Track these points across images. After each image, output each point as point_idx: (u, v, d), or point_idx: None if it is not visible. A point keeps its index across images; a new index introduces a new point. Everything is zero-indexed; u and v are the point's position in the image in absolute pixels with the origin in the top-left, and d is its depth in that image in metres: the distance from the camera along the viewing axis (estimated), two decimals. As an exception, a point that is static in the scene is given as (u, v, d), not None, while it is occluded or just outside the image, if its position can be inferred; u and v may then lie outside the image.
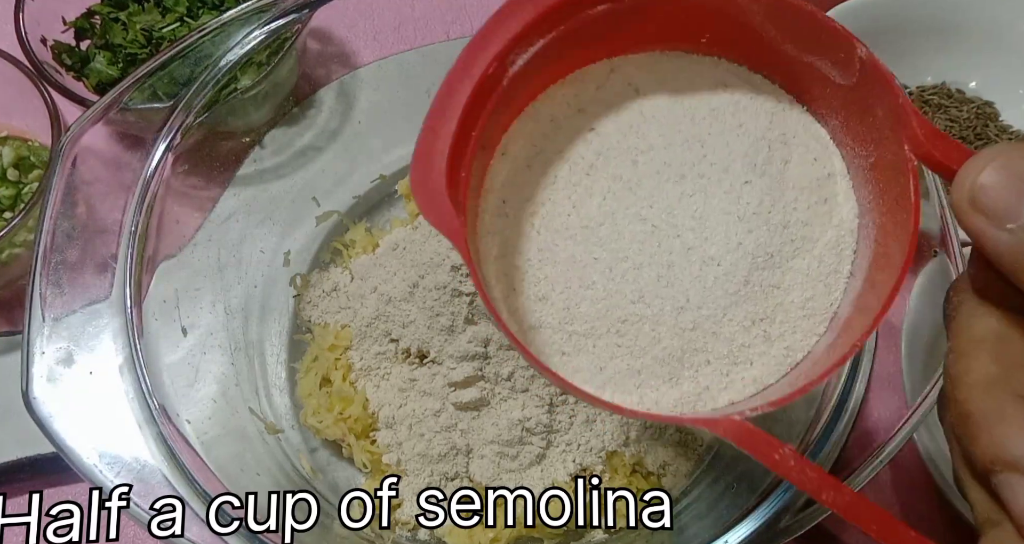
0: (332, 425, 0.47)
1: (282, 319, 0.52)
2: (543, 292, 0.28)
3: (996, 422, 0.22)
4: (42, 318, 0.38)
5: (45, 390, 0.36)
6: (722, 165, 0.28)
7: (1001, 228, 0.22)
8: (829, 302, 0.29)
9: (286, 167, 0.54)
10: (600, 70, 0.30)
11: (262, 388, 0.50)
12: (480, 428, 0.46)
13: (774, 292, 0.28)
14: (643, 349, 0.28)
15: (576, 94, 0.29)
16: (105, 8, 0.57)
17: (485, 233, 0.29)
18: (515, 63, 0.27)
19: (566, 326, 0.28)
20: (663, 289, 0.28)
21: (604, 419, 0.46)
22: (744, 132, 0.29)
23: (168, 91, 0.43)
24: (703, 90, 0.29)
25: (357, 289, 0.51)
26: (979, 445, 0.23)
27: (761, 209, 0.28)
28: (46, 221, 0.39)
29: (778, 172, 0.28)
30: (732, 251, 0.28)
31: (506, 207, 0.29)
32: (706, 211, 0.28)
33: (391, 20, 0.59)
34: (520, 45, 0.27)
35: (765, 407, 0.26)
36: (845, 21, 0.57)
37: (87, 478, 0.35)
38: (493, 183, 0.29)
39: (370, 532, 0.46)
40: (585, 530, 0.47)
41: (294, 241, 0.53)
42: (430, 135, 0.26)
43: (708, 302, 0.28)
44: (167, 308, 0.44)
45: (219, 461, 0.39)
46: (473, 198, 0.29)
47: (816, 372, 0.27)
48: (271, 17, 0.44)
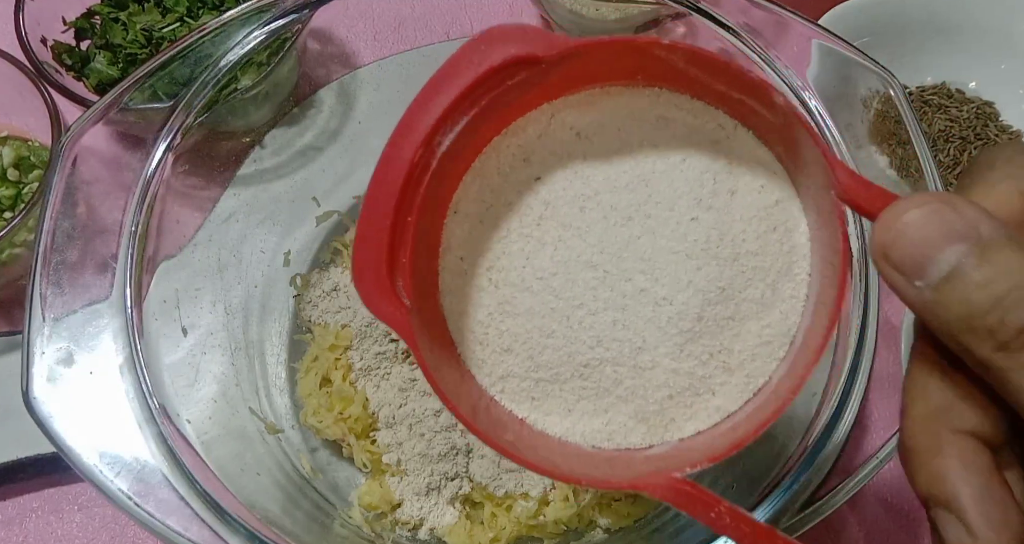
0: (332, 425, 0.47)
1: (282, 319, 0.52)
2: (507, 344, 0.29)
3: (932, 456, 0.22)
4: (42, 318, 0.38)
5: (45, 390, 0.36)
6: (667, 204, 0.28)
7: (911, 284, 0.21)
8: (787, 327, 0.29)
9: (286, 167, 0.54)
10: (541, 116, 0.30)
11: (262, 388, 0.50)
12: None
13: (729, 324, 0.29)
14: (607, 389, 0.29)
15: (520, 144, 0.30)
16: (105, 8, 0.57)
17: (447, 291, 0.29)
18: (443, 143, 0.27)
19: (532, 374, 0.29)
20: (619, 332, 0.28)
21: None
22: (688, 166, 0.29)
23: (168, 91, 0.43)
24: (645, 126, 0.29)
25: (357, 289, 0.50)
26: (917, 480, 0.23)
27: (709, 245, 0.28)
28: (46, 221, 0.39)
29: (724, 204, 0.28)
30: (683, 290, 0.28)
31: (464, 264, 0.29)
32: (654, 252, 0.28)
33: (391, 20, 0.59)
34: (445, 126, 0.27)
35: (704, 463, 0.26)
36: (845, 21, 0.58)
37: (87, 478, 0.35)
38: (450, 242, 0.30)
39: (370, 532, 0.46)
40: (585, 530, 0.47)
41: (294, 241, 0.53)
42: (366, 226, 0.27)
43: (664, 341, 0.28)
44: (167, 308, 0.44)
45: (219, 461, 0.39)
46: (432, 258, 0.29)
47: (754, 423, 0.27)
48: (271, 17, 0.44)
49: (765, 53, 0.42)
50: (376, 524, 0.46)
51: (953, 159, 0.60)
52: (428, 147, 0.27)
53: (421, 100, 0.27)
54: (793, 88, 0.42)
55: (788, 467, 0.38)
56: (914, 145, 0.39)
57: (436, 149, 0.27)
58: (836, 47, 0.42)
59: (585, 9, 0.56)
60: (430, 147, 0.27)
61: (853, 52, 0.41)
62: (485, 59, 0.26)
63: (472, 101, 0.27)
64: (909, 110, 0.40)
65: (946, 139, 0.60)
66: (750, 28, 0.43)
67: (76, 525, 0.50)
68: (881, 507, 0.50)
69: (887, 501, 0.50)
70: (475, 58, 0.26)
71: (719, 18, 0.43)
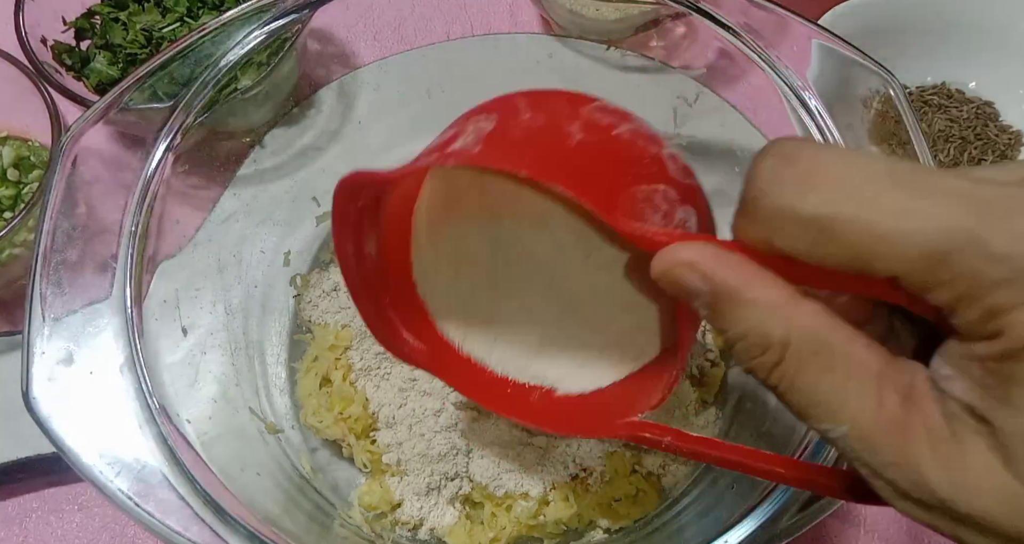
0: (332, 425, 0.47)
1: (282, 319, 0.52)
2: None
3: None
4: (42, 318, 0.38)
5: (45, 390, 0.36)
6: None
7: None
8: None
9: (286, 167, 0.54)
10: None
11: (262, 388, 0.50)
12: (480, 428, 0.46)
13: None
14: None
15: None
16: (105, 8, 0.57)
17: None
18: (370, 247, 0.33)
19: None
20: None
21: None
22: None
23: (168, 91, 0.43)
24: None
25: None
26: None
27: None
28: (46, 221, 0.39)
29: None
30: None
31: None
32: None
33: (391, 20, 0.59)
34: (359, 237, 0.32)
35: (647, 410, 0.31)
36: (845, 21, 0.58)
37: (87, 478, 0.35)
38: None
39: (370, 532, 0.46)
40: (585, 530, 0.47)
41: (294, 241, 0.53)
42: (364, 310, 0.34)
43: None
44: (167, 308, 0.44)
45: (219, 461, 0.39)
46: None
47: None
48: (271, 17, 0.44)
49: (765, 53, 0.42)
50: (376, 524, 0.46)
51: (953, 159, 0.60)
52: (360, 252, 0.33)
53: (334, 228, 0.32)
54: (793, 88, 0.42)
55: (788, 467, 0.38)
56: (914, 145, 0.39)
57: (368, 253, 0.33)
58: (836, 47, 0.42)
59: (585, 9, 0.56)
60: (361, 252, 0.33)
61: (853, 52, 0.41)
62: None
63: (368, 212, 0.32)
64: (909, 110, 0.40)
65: (946, 139, 0.60)
66: (750, 28, 0.43)
67: (76, 525, 0.50)
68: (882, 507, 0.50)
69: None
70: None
71: (719, 18, 0.43)
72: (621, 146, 0.27)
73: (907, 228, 0.19)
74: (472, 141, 0.27)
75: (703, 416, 0.48)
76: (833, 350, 0.21)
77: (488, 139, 0.27)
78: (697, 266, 0.23)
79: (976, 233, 0.19)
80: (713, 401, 0.49)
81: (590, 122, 0.27)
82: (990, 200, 0.19)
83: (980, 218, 0.19)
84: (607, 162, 0.27)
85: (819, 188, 0.20)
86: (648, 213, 0.26)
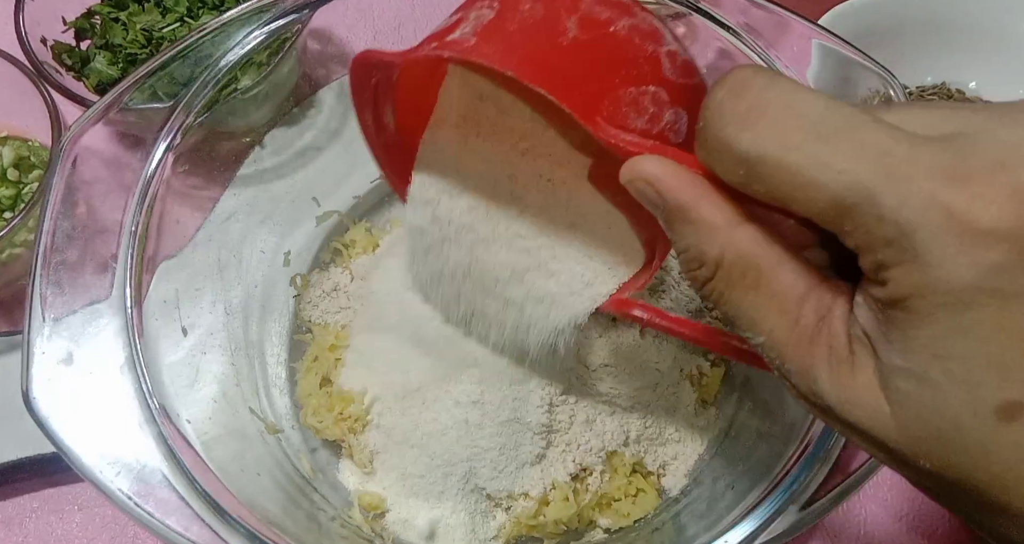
0: (332, 425, 0.47)
1: (282, 319, 0.52)
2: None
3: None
4: (42, 318, 0.38)
5: (45, 390, 0.36)
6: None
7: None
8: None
9: (286, 167, 0.54)
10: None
11: (262, 388, 0.50)
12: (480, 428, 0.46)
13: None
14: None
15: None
16: (105, 8, 0.57)
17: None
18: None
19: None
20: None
21: (604, 419, 0.46)
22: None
23: (168, 91, 0.43)
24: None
25: (357, 289, 0.50)
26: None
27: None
28: (46, 221, 0.39)
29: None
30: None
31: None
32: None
33: (391, 20, 0.59)
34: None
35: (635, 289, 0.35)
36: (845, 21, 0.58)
37: (87, 478, 0.35)
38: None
39: (370, 532, 0.46)
40: (585, 530, 0.47)
41: (294, 241, 0.53)
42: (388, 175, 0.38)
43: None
44: (167, 308, 0.44)
45: (219, 461, 0.39)
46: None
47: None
48: (271, 17, 0.44)
49: (765, 53, 0.42)
50: (376, 524, 0.46)
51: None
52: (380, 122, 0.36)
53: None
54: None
55: (788, 467, 0.38)
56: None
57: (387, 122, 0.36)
58: (836, 47, 0.42)
59: (585, 9, 0.56)
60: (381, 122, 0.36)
61: (853, 52, 0.41)
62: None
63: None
64: (909, 110, 0.40)
65: (946, 139, 0.60)
66: (750, 28, 0.43)
67: (76, 525, 0.50)
68: (881, 507, 0.50)
69: (887, 501, 0.50)
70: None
71: (719, 18, 0.43)
72: (616, 44, 0.27)
73: (819, 180, 0.21)
74: (470, 31, 0.27)
75: (703, 416, 0.48)
76: (760, 272, 0.23)
77: (484, 32, 0.27)
78: (654, 182, 0.25)
79: (873, 193, 0.20)
80: (713, 401, 0.49)
81: (588, 17, 0.27)
82: (898, 160, 0.20)
83: (882, 179, 0.20)
84: (597, 62, 0.27)
85: (754, 127, 0.22)
86: (631, 117, 0.26)
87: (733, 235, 0.24)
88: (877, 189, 0.20)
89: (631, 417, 0.46)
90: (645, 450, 0.47)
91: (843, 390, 0.23)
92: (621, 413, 0.46)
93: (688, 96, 0.27)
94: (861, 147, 0.21)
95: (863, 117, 0.21)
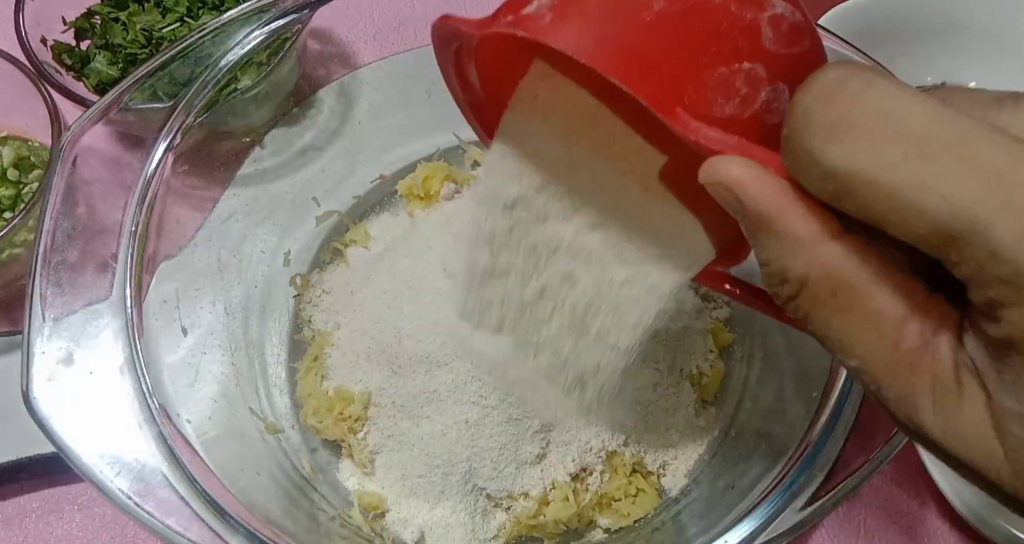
0: (332, 425, 0.47)
1: (282, 319, 0.52)
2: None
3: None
4: (42, 318, 0.38)
5: (45, 390, 0.36)
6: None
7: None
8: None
9: (286, 167, 0.54)
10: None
11: (262, 388, 0.50)
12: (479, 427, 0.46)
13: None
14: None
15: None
16: (105, 8, 0.57)
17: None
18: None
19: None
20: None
21: (604, 419, 0.46)
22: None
23: (168, 91, 0.43)
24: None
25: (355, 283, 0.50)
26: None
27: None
28: (46, 221, 0.39)
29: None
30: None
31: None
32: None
33: (391, 20, 0.59)
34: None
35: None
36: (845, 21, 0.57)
37: (87, 478, 0.35)
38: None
39: (370, 532, 0.46)
40: (585, 530, 0.47)
41: (294, 241, 0.53)
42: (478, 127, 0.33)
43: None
44: (167, 308, 0.44)
45: (219, 461, 0.39)
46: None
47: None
48: (271, 17, 0.44)
49: (765, 53, 0.42)
50: (376, 524, 0.46)
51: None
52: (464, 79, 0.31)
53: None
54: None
55: (788, 467, 0.38)
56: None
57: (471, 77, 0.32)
58: (836, 47, 0.42)
59: (585, 9, 0.56)
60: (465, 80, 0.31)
61: (853, 52, 0.41)
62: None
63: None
64: (909, 110, 0.40)
65: (946, 139, 0.60)
66: (750, 28, 0.43)
67: (76, 525, 0.50)
68: (881, 507, 0.50)
69: (887, 501, 0.50)
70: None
71: (719, 18, 0.43)
72: (707, 15, 0.24)
73: (920, 205, 0.19)
74: (547, 3, 0.24)
75: (703, 416, 0.48)
76: (853, 292, 0.21)
77: (560, 5, 0.24)
78: (734, 188, 0.22)
79: (985, 224, 0.18)
80: (713, 401, 0.49)
81: None
82: (1016, 184, 0.18)
83: (997, 207, 0.18)
84: (683, 40, 0.24)
85: (845, 140, 0.20)
86: (719, 103, 0.23)
87: (821, 250, 0.21)
88: (990, 220, 0.18)
89: (631, 418, 0.46)
90: (645, 450, 0.47)
91: (949, 423, 0.20)
92: (622, 414, 0.46)
93: (794, 67, 0.24)
94: (972, 167, 0.18)
95: (978, 129, 0.19)
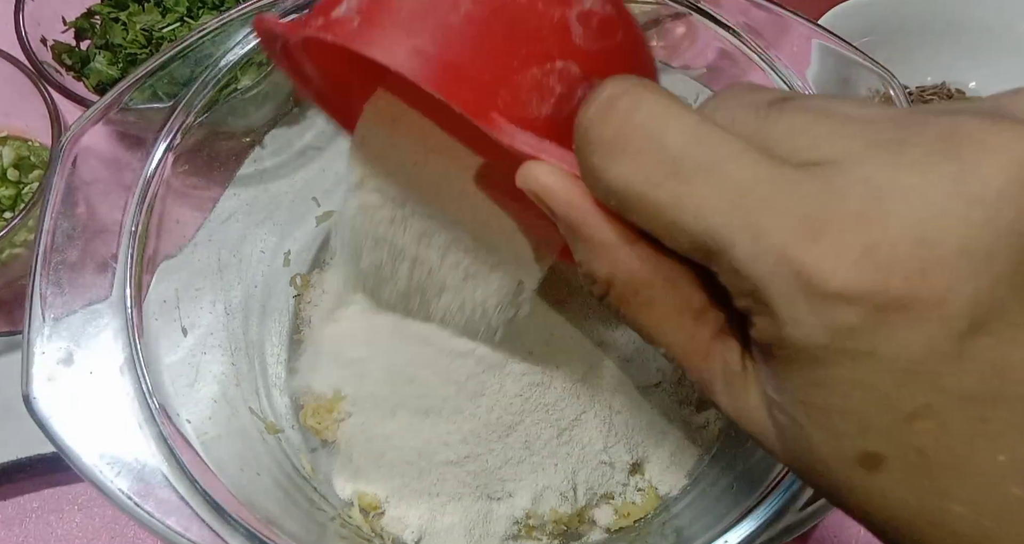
0: (332, 425, 0.47)
1: (282, 319, 0.52)
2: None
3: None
4: (42, 318, 0.38)
5: (45, 390, 0.36)
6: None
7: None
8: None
9: (286, 167, 0.54)
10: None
11: (262, 388, 0.50)
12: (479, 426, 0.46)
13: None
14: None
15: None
16: (105, 8, 0.57)
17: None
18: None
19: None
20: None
21: (604, 419, 0.46)
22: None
23: (168, 91, 0.43)
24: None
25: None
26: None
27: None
28: (46, 221, 0.39)
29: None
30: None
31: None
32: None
33: (391, 20, 0.59)
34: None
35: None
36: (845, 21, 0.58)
37: (87, 478, 0.35)
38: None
39: (370, 532, 0.46)
40: (585, 530, 0.47)
41: (294, 241, 0.53)
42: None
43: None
44: (167, 308, 0.44)
45: (219, 461, 0.39)
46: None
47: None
48: (271, 17, 0.43)
49: (765, 53, 0.42)
50: (376, 524, 0.46)
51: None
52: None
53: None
54: (793, 88, 0.42)
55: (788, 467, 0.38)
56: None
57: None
58: (836, 47, 0.42)
59: (585, 9, 0.56)
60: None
61: (853, 52, 0.41)
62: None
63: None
64: (909, 110, 0.40)
65: (946, 139, 0.60)
66: (750, 28, 0.43)
67: (76, 525, 0.50)
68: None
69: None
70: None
71: (719, 18, 0.43)
72: (515, 17, 0.23)
73: (680, 223, 0.20)
74: (355, 6, 0.23)
75: (703, 416, 0.48)
76: (652, 291, 0.23)
77: (368, 8, 0.23)
78: (542, 195, 0.23)
79: (727, 244, 0.19)
80: (713, 401, 0.49)
81: None
82: (754, 204, 0.19)
83: (737, 228, 0.19)
84: (492, 43, 0.23)
85: (619, 159, 0.21)
86: (534, 104, 0.23)
87: (620, 255, 0.23)
88: (730, 239, 0.19)
89: (631, 417, 0.46)
90: (645, 450, 0.47)
91: (737, 403, 0.23)
92: (622, 412, 0.46)
93: (611, 61, 0.24)
94: (718, 187, 0.20)
95: (729, 147, 0.20)
